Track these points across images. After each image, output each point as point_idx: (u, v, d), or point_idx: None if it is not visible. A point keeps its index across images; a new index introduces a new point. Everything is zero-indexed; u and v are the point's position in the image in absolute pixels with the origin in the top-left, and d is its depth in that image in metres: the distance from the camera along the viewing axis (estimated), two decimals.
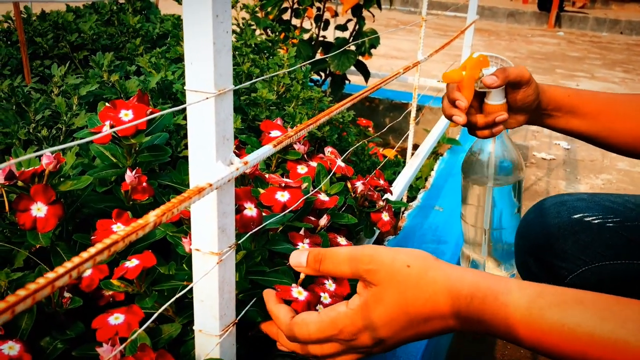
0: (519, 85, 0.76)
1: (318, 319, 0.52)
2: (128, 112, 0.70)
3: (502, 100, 0.78)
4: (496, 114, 0.78)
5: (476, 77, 0.76)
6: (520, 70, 0.76)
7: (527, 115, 0.81)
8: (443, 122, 1.89)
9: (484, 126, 0.79)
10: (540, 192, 2.11)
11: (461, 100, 0.76)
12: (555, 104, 0.81)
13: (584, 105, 0.80)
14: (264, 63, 1.14)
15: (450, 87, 0.78)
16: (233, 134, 0.52)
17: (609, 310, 0.44)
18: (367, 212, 0.89)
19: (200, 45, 0.47)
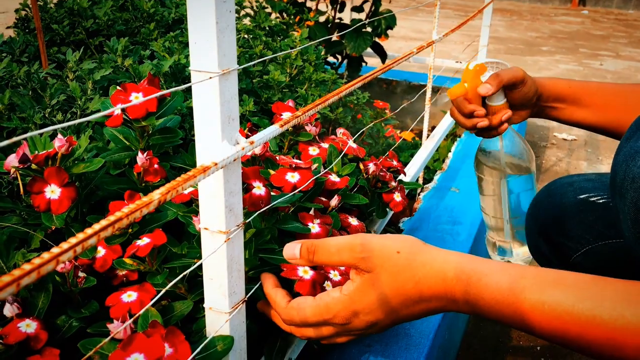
0: (515, 86, 0.80)
1: (313, 303, 0.54)
2: (138, 95, 0.71)
3: (502, 100, 0.82)
4: (501, 113, 0.82)
5: (478, 85, 0.82)
6: (514, 71, 0.80)
7: (529, 110, 0.85)
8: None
9: (492, 126, 0.83)
10: (561, 172, 2.08)
11: (478, 109, 0.81)
12: (557, 96, 0.83)
13: (590, 97, 0.82)
14: (277, 45, 1.14)
15: (459, 101, 0.83)
16: (238, 114, 0.52)
17: (587, 289, 0.45)
18: (379, 192, 0.89)
19: (204, 25, 0.47)
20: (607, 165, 2.16)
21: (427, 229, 1.18)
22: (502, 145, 0.89)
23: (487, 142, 0.90)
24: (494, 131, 0.85)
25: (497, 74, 0.81)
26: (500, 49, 4.30)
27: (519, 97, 0.82)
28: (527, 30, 5.20)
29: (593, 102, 0.82)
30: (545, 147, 2.32)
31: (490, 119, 0.83)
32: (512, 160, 0.89)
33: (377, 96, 2.34)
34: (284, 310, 0.56)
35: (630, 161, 0.57)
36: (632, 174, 0.56)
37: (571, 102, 0.83)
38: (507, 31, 5.13)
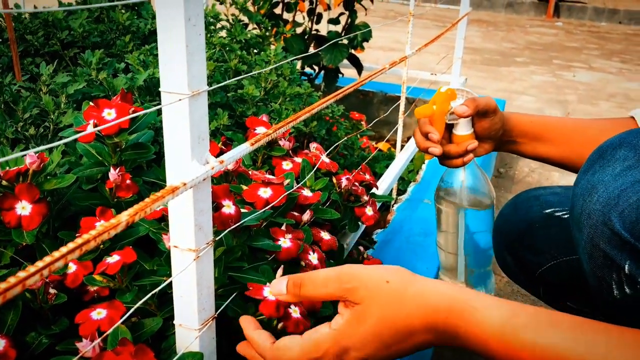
0: (487, 114, 0.81)
1: (300, 342, 0.52)
2: (111, 111, 0.71)
3: (469, 131, 0.82)
4: (467, 143, 0.82)
5: (446, 110, 0.81)
6: (488, 100, 0.80)
7: (493, 143, 0.85)
8: None
9: (456, 155, 0.83)
10: (533, 183, 2.12)
11: (434, 133, 0.80)
12: (519, 131, 0.85)
13: (551, 132, 0.84)
14: (252, 59, 1.15)
15: (422, 122, 0.83)
16: (208, 134, 0.53)
17: (581, 334, 0.45)
18: (352, 206, 0.90)
19: (174, 48, 0.48)
20: None
21: (400, 241, 1.20)
22: (464, 177, 0.88)
23: (449, 174, 0.89)
24: (457, 161, 0.84)
25: (473, 98, 0.80)
26: (476, 59, 4.36)
27: (486, 128, 0.82)
28: (503, 41, 5.29)
29: (554, 137, 0.84)
30: (518, 158, 2.36)
31: (455, 148, 0.82)
32: (473, 195, 0.88)
33: (354, 107, 2.37)
34: (269, 352, 0.53)
35: (587, 196, 0.58)
36: (588, 209, 0.58)
37: (533, 137, 0.85)
38: (483, 42, 5.21)
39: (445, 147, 0.82)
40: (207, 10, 1.38)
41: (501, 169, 2.24)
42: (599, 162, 0.66)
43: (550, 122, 0.85)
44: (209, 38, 1.19)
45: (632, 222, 0.58)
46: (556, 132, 0.84)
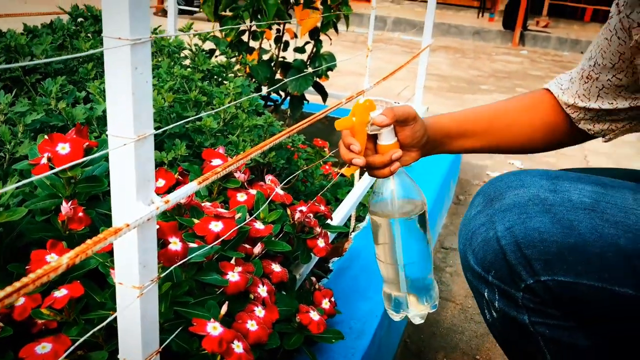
0: (407, 122, 0.83)
1: None
2: (65, 145, 0.73)
3: (393, 140, 0.83)
4: (391, 152, 0.83)
5: (366, 121, 0.82)
6: (406, 108, 0.83)
7: (419, 151, 0.88)
8: None
9: (382, 166, 0.84)
10: None
11: (354, 144, 0.81)
12: (444, 133, 0.89)
13: (472, 126, 0.89)
14: (212, 90, 1.18)
15: (344, 134, 0.84)
16: (154, 175, 0.55)
17: None
18: (304, 238, 0.93)
19: (120, 95, 0.51)
20: None
21: (356, 269, 1.22)
22: (394, 186, 0.88)
23: (379, 185, 0.89)
24: (384, 170, 0.84)
25: (391, 108, 0.82)
26: (443, 86, 4.46)
27: (409, 136, 0.84)
28: (470, 69, 5.42)
29: (477, 130, 0.89)
30: (478, 186, 2.42)
31: (380, 158, 0.83)
32: (404, 203, 0.89)
33: (319, 132, 2.40)
34: None
35: (458, 238, 0.66)
36: (459, 249, 0.66)
37: (457, 135, 0.90)
38: (450, 69, 5.33)
39: (371, 158, 0.83)
40: (171, 40, 1.41)
41: (460, 196, 2.29)
42: (468, 208, 0.83)
43: (470, 116, 0.90)
44: (170, 68, 1.21)
45: (481, 258, 0.75)
46: (478, 125, 0.90)
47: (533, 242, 0.71)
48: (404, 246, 0.90)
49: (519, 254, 0.71)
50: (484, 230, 0.76)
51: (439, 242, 1.86)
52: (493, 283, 0.75)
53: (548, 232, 0.70)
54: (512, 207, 0.74)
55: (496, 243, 0.74)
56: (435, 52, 6.25)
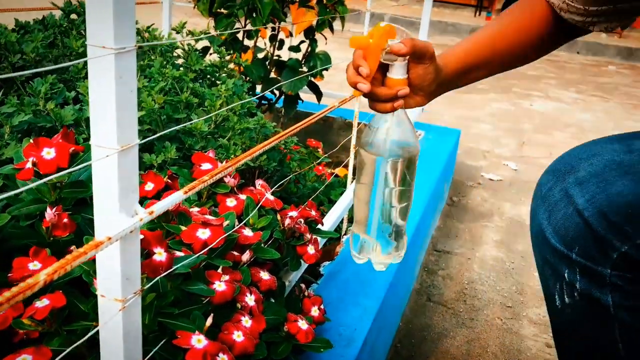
0: (423, 59, 0.79)
1: None
2: (50, 150, 0.72)
3: (404, 75, 0.79)
4: (398, 88, 0.79)
5: (382, 46, 0.76)
6: (427, 44, 0.79)
7: (424, 97, 0.84)
8: None
9: (385, 99, 0.80)
10: (485, 213, 2.17)
11: (364, 67, 0.76)
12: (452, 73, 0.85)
13: (476, 60, 0.87)
14: (204, 91, 1.16)
15: (356, 55, 0.79)
16: (138, 186, 0.54)
17: None
18: (294, 245, 0.92)
19: (104, 104, 0.49)
20: (528, 205, 2.27)
21: (347, 274, 1.22)
22: (391, 125, 0.83)
23: (377, 121, 0.84)
24: (387, 105, 0.80)
25: (412, 38, 0.78)
26: None
27: (420, 76, 0.80)
28: None
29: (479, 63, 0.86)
30: (472, 187, 2.42)
31: (386, 91, 0.79)
32: (397, 144, 0.85)
33: (314, 132, 2.39)
34: None
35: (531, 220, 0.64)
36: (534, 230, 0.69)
37: (463, 73, 0.86)
38: None
39: (376, 89, 0.79)
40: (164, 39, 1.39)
41: (454, 197, 2.29)
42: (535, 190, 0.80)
43: (472, 49, 0.87)
44: (163, 67, 1.20)
45: (562, 235, 0.72)
46: (481, 57, 0.87)
47: (619, 207, 0.67)
48: (384, 187, 0.86)
49: (605, 223, 0.67)
50: (562, 206, 0.73)
51: (432, 244, 1.85)
52: (576, 261, 0.71)
53: (633, 193, 0.66)
54: (589, 178, 0.71)
55: (578, 217, 0.70)
56: None
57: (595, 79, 5.59)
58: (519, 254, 1.86)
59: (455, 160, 2.40)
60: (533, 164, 2.82)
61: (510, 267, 1.76)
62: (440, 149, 2.18)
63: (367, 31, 0.78)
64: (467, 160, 2.74)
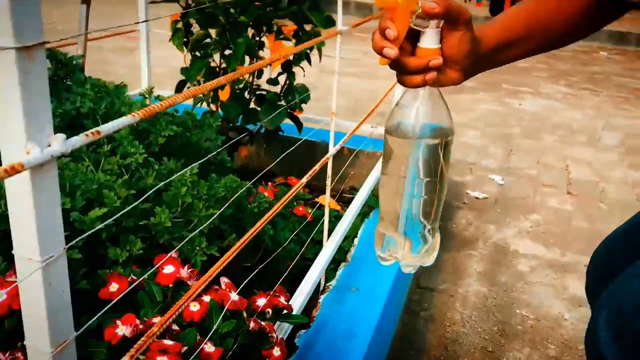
0: (457, 24, 0.70)
1: None
2: None
3: (436, 45, 0.71)
4: (430, 57, 0.70)
5: (412, 8, 0.68)
6: (462, 6, 0.70)
7: (461, 72, 0.74)
8: (371, 180, 1.92)
9: (415, 71, 0.71)
10: (469, 239, 2.17)
11: (392, 29, 0.68)
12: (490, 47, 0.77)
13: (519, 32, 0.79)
14: (174, 166, 1.15)
15: (384, 17, 0.70)
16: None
17: None
18: (259, 348, 0.91)
19: (24, 222, 0.48)
20: (513, 228, 2.27)
21: (322, 345, 1.21)
22: (422, 103, 0.74)
23: (405, 98, 0.76)
24: (417, 77, 0.71)
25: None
26: None
27: (454, 46, 0.71)
28: None
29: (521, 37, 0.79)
30: (458, 208, 2.41)
31: (416, 61, 0.71)
32: (429, 126, 0.75)
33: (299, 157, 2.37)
34: None
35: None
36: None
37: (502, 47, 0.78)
38: None
39: (405, 58, 0.71)
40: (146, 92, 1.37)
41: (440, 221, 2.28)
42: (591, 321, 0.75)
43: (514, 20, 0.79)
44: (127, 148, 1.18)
45: None
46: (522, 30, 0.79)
47: None
48: (415, 177, 0.76)
49: None
50: None
51: (415, 281, 1.85)
52: None
53: None
54: None
55: None
56: None
57: (586, 68, 5.55)
58: (501, 287, 1.86)
59: None
60: (519, 175, 2.81)
61: (492, 304, 1.77)
62: None
63: None
64: (454, 175, 2.73)
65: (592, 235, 2.24)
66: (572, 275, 1.97)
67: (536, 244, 2.16)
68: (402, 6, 0.67)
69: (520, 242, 2.16)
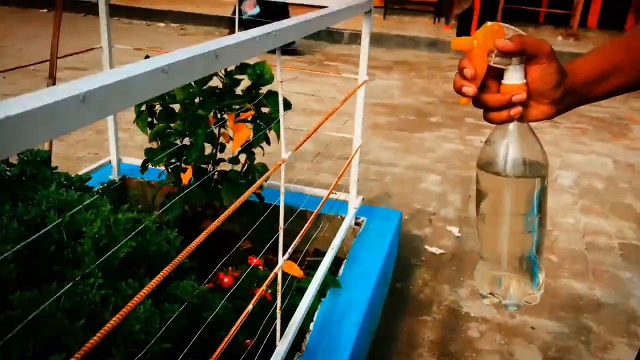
0: (537, 59, 0.71)
1: None
2: None
3: (520, 80, 0.72)
4: (513, 92, 0.71)
5: (489, 47, 0.70)
6: (540, 41, 0.71)
7: (552, 105, 0.75)
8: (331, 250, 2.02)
9: (499, 107, 0.73)
10: (425, 302, 2.29)
11: (469, 68, 0.70)
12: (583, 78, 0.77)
13: (615, 62, 0.77)
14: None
15: (462, 58, 0.72)
16: None
17: None
18: None
19: None
20: (466, 287, 2.39)
21: None
22: (511, 139, 0.75)
23: (494, 135, 0.77)
24: (502, 113, 0.73)
25: (520, 35, 0.71)
26: (393, 122, 4.55)
27: (538, 79, 0.72)
28: (421, 94, 5.52)
29: (618, 65, 0.77)
30: (415, 266, 2.53)
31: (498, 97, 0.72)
32: (520, 161, 0.75)
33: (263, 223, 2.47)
34: None
35: None
36: None
37: (599, 77, 0.77)
38: (402, 95, 5.42)
39: (487, 95, 0.73)
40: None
41: (398, 283, 2.40)
42: None
43: (610, 51, 0.79)
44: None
45: None
46: (617, 58, 0.77)
47: None
48: (512, 214, 0.77)
49: None
50: None
51: (370, 354, 1.96)
52: None
53: None
54: None
55: None
56: (390, 72, 6.34)
57: None
58: (451, 357, 1.98)
59: (398, 242, 2.51)
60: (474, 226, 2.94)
61: None
62: (382, 239, 2.26)
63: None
64: (413, 229, 2.85)
65: None
66: (518, 340, 2.10)
67: (487, 305, 2.29)
68: (478, 46, 0.70)
69: (472, 304, 2.29)
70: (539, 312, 2.26)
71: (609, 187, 3.54)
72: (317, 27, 1.38)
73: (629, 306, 2.35)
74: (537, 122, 0.76)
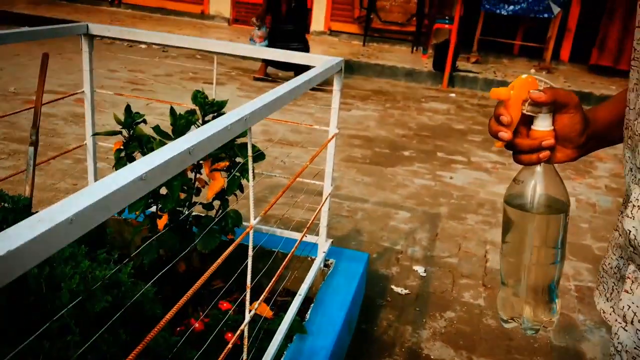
0: (567, 109, 0.80)
1: None
2: None
3: (549, 127, 0.81)
4: (542, 138, 0.80)
5: (523, 97, 0.79)
6: (570, 93, 0.81)
7: (575, 149, 0.84)
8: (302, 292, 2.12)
9: (529, 150, 0.81)
10: (388, 343, 2.40)
11: (505, 115, 0.79)
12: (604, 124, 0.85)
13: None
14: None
15: (498, 105, 0.81)
16: None
17: None
18: None
19: None
20: (428, 330, 2.51)
21: None
22: (538, 178, 0.83)
23: (522, 174, 0.85)
24: (532, 156, 0.81)
25: (552, 87, 0.80)
26: (367, 155, 4.68)
27: (567, 126, 0.81)
28: (396, 126, 5.68)
29: None
30: (381, 307, 2.64)
31: (529, 141, 0.81)
32: (546, 199, 0.84)
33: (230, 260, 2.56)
34: None
35: None
36: None
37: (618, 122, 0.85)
38: (378, 127, 5.57)
39: (519, 140, 0.81)
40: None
41: (363, 325, 2.50)
42: None
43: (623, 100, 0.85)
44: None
45: None
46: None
47: None
48: (537, 246, 0.85)
49: None
50: None
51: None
52: None
53: None
54: None
55: None
56: (367, 102, 6.49)
57: None
58: None
59: (365, 284, 2.62)
60: (440, 265, 3.07)
61: None
62: (349, 283, 2.37)
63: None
64: (381, 268, 2.97)
65: (498, 335, 2.50)
66: None
67: (447, 347, 2.41)
68: (514, 96, 0.79)
69: (433, 346, 2.40)
70: (495, 354, 2.38)
71: (569, 228, 3.69)
72: (287, 101, 1.50)
73: (581, 349, 2.49)
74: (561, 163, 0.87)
